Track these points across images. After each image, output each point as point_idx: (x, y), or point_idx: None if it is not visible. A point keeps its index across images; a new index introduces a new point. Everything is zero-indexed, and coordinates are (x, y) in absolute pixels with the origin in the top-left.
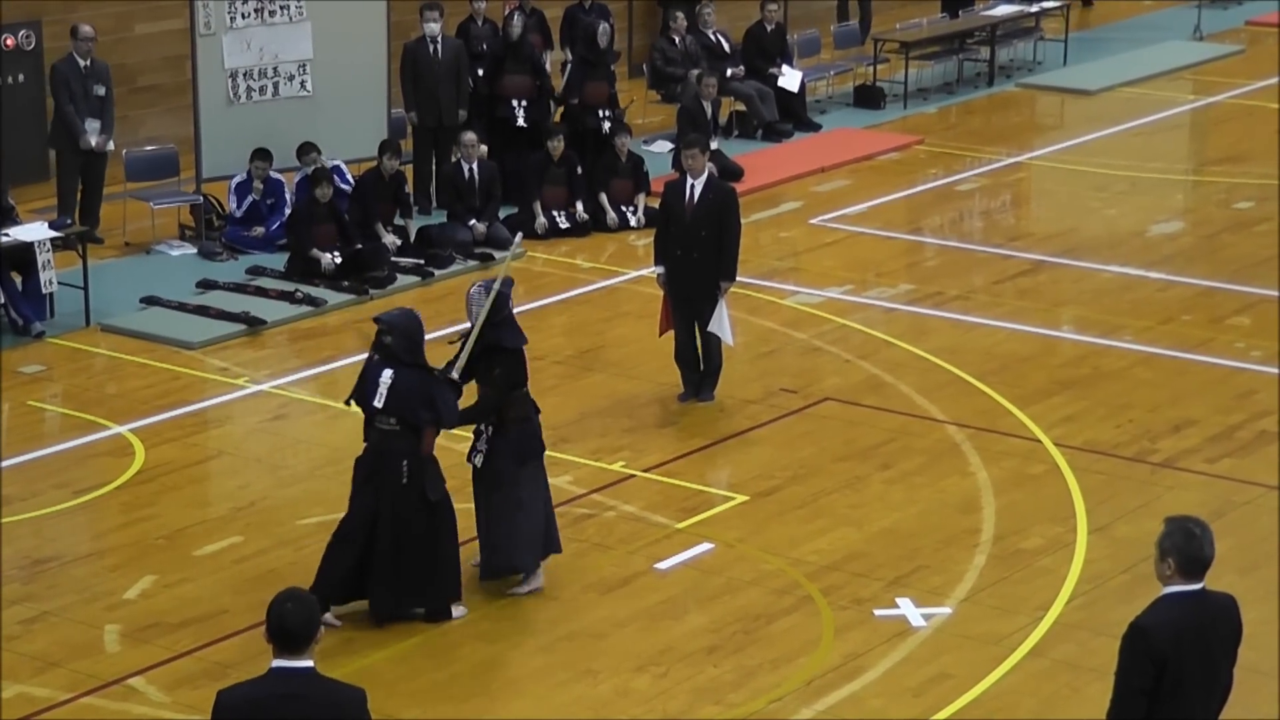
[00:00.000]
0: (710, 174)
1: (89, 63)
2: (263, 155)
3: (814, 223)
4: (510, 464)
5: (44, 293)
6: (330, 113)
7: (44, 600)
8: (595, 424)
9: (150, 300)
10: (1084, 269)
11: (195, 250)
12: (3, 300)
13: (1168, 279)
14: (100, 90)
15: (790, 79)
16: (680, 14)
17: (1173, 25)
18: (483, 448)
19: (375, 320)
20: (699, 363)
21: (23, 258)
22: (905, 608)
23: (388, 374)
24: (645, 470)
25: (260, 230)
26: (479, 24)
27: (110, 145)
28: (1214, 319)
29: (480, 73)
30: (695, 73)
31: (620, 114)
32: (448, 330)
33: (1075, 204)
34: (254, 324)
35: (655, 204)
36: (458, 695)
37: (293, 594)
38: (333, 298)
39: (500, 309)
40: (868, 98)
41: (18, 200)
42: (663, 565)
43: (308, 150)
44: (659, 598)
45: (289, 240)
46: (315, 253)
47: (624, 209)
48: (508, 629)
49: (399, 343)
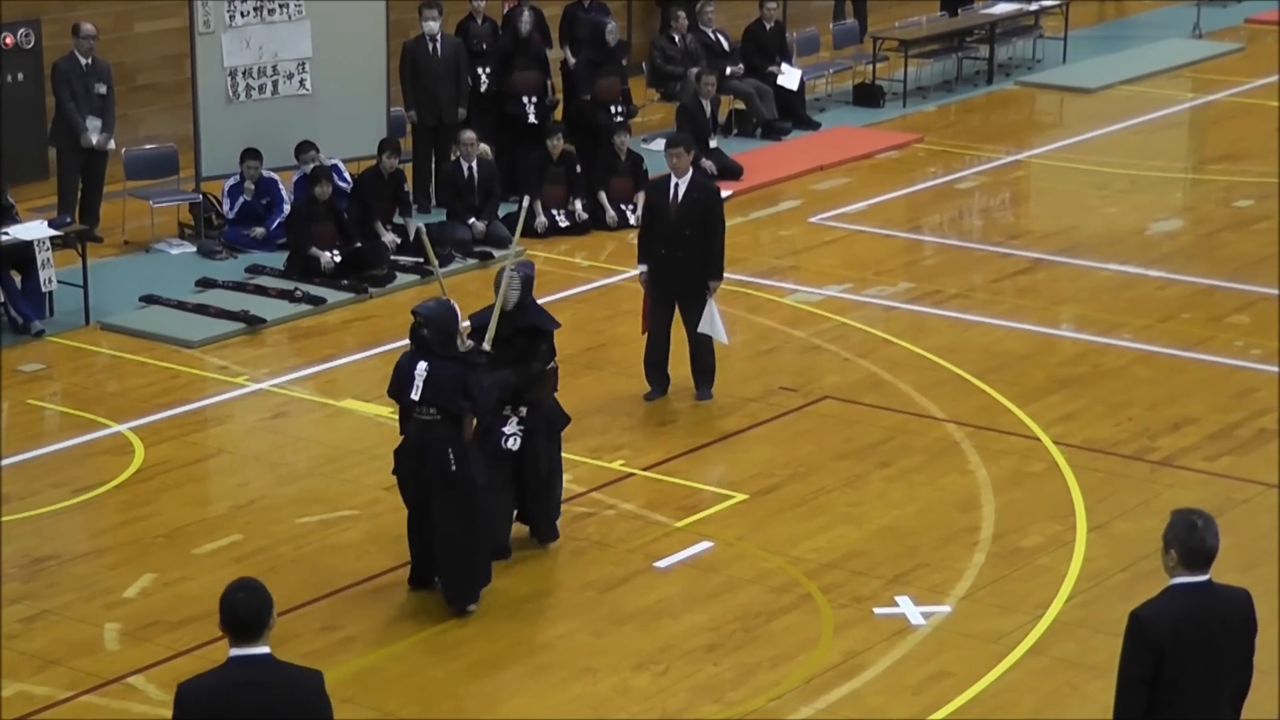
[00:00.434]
0: (696, 172)
1: (90, 61)
2: (253, 155)
3: (813, 221)
4: (544, 440)
5: (43, 291)
6: (329, 111)
7: (43, 598)
8: (594, 422)
9: (150, 299)
10: (1083, 267)
11: (194, 249)
12: (2, 299)
13: (1167, 277)
14: (101, 89)
15: (789, 77)
16: (682, 12)
17: (1172, 23)
18: (516, 430)
19: (413, 312)
20: (667, 364)
21: (22, 256)
22: (905, 606)
23: (423, 366)
24: (644, 469)
25: (260, 230)
26: (479, 22)
27: (111, 144)
28: (1213, 317)
29: (486, 70)
30: (694, 71)
31: (634, 110)
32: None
33: (1074, 202)
34: (253, 322)
35: None
36: (457, 693)
37: (244, 584)
38: (332, 296)
39: (529, 291)
40: (867, 96)
41: (17, 199)
42: (662, 564)
43: (306, 149)
44: (658, 596)
45: (288, 239)
46: (314, 251)
47: (623, 207)
48: (507, 627)
49: (434, 335)
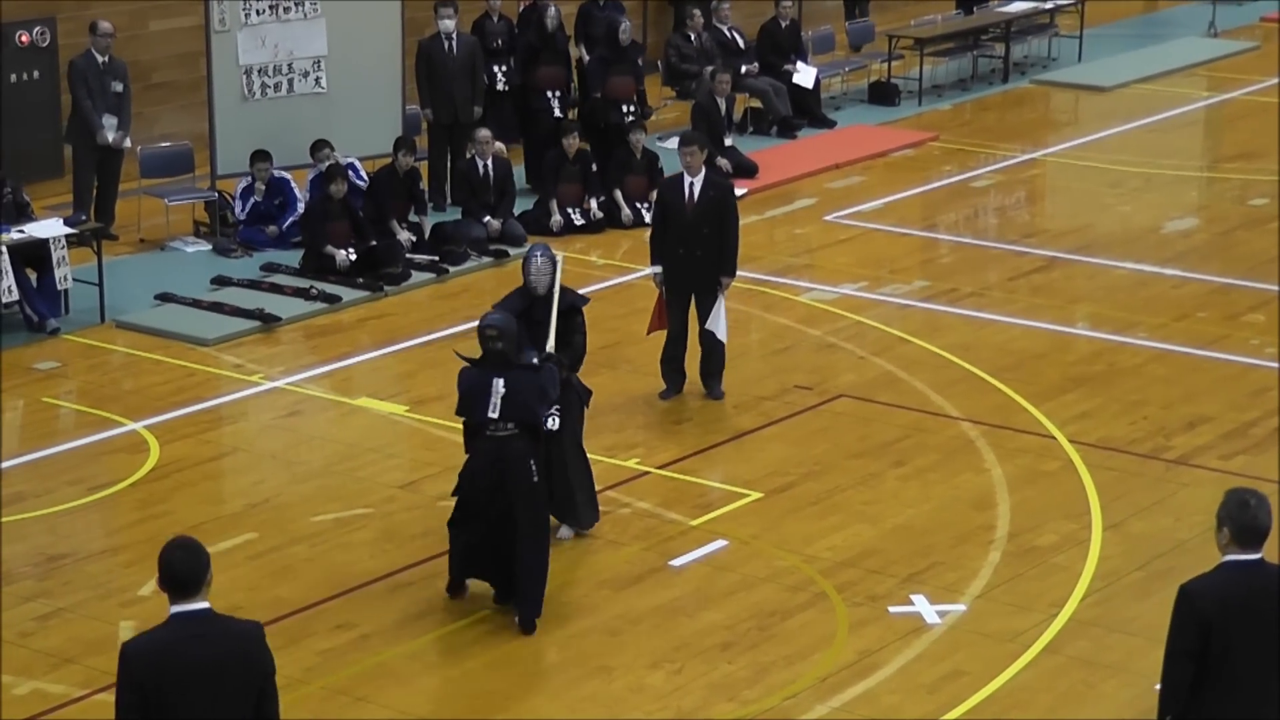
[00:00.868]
0: (710, 169)
1: (107, 59)
2: (262, 157)
3: (828, 219)
4: (575, 419)
5: (59, 289)
6: (345, 109)
7: (58, 597)
8: (609, 420)
9: (165, 297)
10: (1098, 265)
11: (210, 247)
12: (18, 296)
13: (1182, 275)
14: (118, 87)
15: (805, 75)
16: (697, 10)
17: (1187, 21)
18: (554, 411)
19: (484, 326)
20: (684, 363)
21: (38, 254)
22: (920, 604)
23: (499, 383)
24: (659, 467)
25: (274, 228)
26: (495, 20)
27: (127, 142)
28: (1228, 316)
29: (502, 68)
30: (710, 69)
31: (649, 111)
32: (463, 327)
33: (1089, 200)
34: (268, 321)
35: None
36: (471, 691)
37: (181, 543)
38: (347, 294)
39: (557, 272)
40: (882, 94)
41: (33, 197)
42: (677, 562)
43: (321, 147)
44: (673, 594)
45: (303, 237)
46: (330, 249)
47: (638, 205)
48: None
49: (508, 346)
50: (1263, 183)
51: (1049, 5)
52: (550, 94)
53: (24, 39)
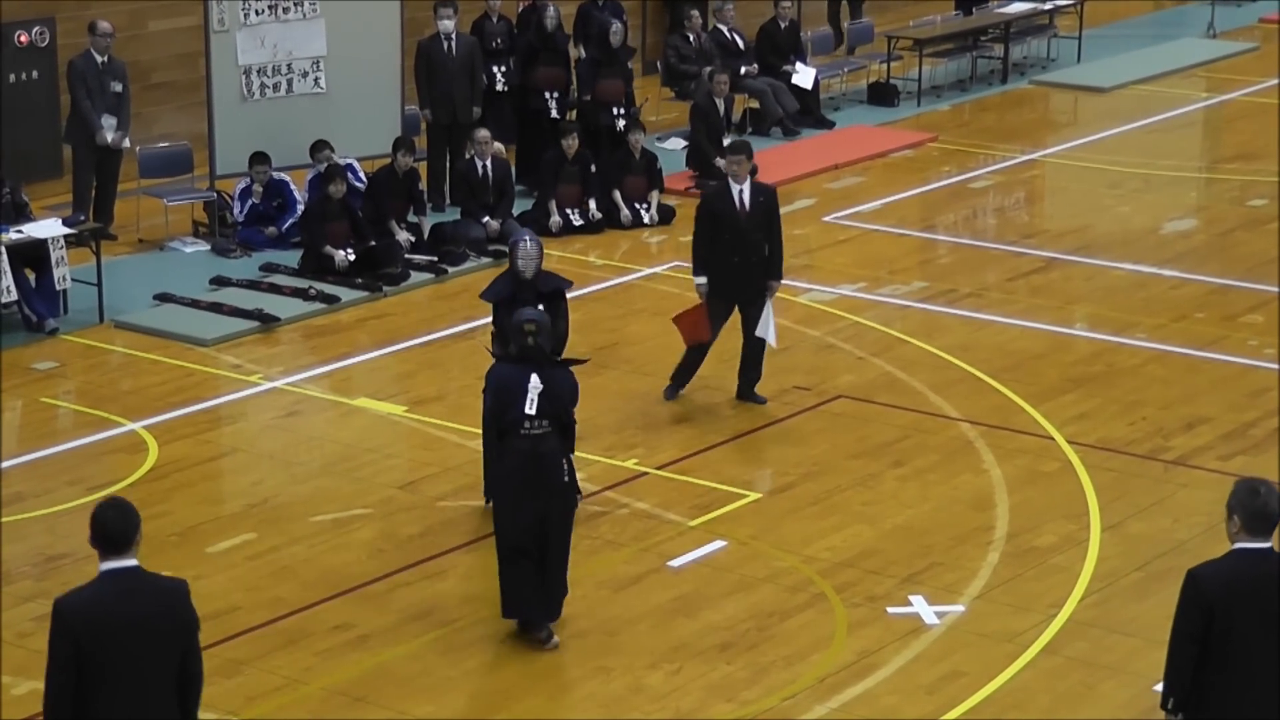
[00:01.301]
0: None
1: (106, 59)
2: (261, 159)
3: (827, 220)
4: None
5: (57, 289)
6: (344, 110)
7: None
8: (608, 421)
9: (164, 297)
10: (1097, 266)
11: (209, 247)
12: (17, 297)
13: (1181, 276)
14: (117, 87)
15: (804, 76)
16: (696, 12)
17: (1186, 22)
18: None
19: (523, 322)
20: (698, 367)
21: (36, 254)
22: (918, 605)
23: (535, 379)
24: (658, 468)
25: (273, 229)
26: (494, 20)
27: (126, 142)
28: (1227, 316)
29: (501, 69)
30: (708, 70)
31: (636, 112)
32: (462, 327)
33: (1088, 201)
34: (267, 321)
35: (669, 201)
36: (470, 692)
37: (113, 503)
38: (346, 295)
39: (542, 257)
40: (881, 95)
41: (31, 197)
42: (675, 563)
43: (321, 148)
44: (672, 595)
45: (302, 237)
46: (329, 250)
47: (637, 206)
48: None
49: (546, 340)
50: (1261, 184)
51: (1048, 6)
52: (548, 95)
53: (23, 39)
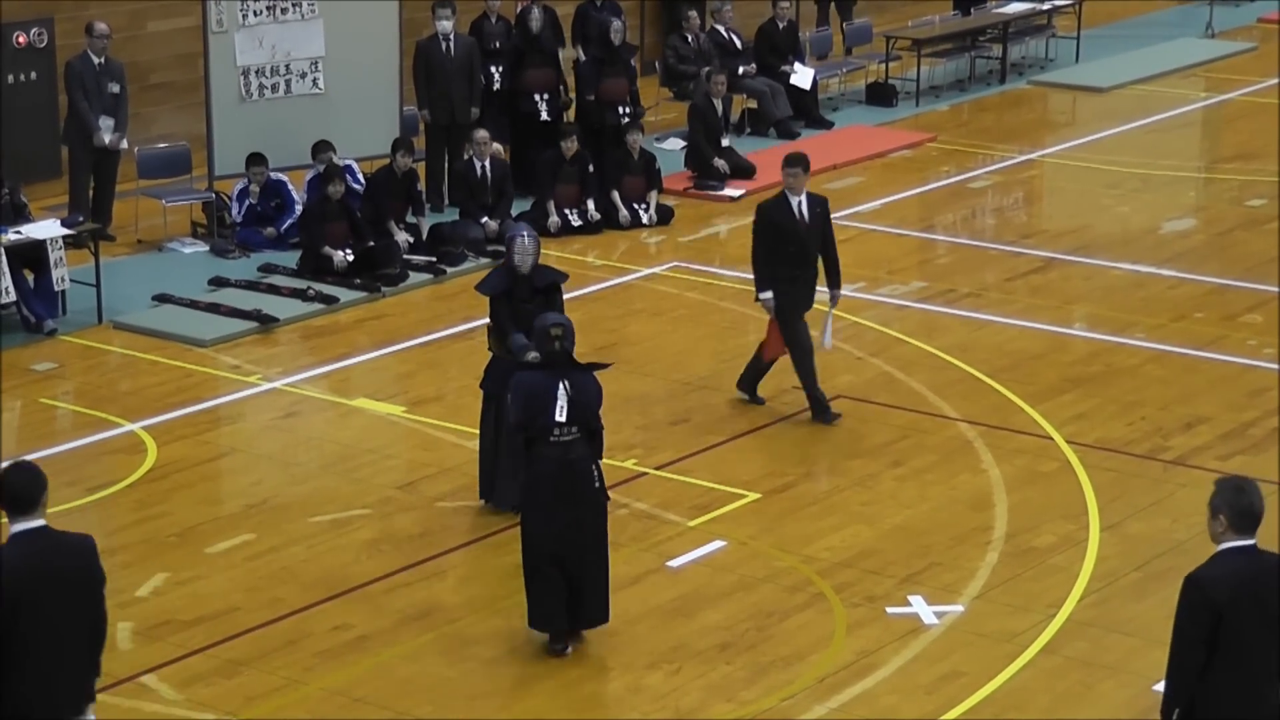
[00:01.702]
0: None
1: (104, 60)
2: (257, 161)
3: None
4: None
5: (56, 290)
6: (342, 110)
7: None
8: (607, 421)
9: (162, 298)
10: (1096, 266)
11: (207, 248)
12: (15, 298)
13: (1179, 276)
14: (115, 88)
15: (802, 76)
16: (694, 12)
17: (1185, 22)
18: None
19: (549, 325)
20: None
21: (35, 255)
22: (917, 605)
23: (565, 384)
24: (657, 468)
25: (272, 229)
26: (493, 21)
27: (124, 143)
28: (1226, 316)
29: (499, 69)
30: (706, 70)
31: (642, 111)
32: (461, 328)
33: (1087, 201)
34: (266, 321)
35: (667, 202)
36: (470, 692)
37: (19, 465)
38: (345, 295)
39: (539, 252)
40: (880, 95)
41: (30, 198)
42: (675, 563)
43: (323, 149)
44: (671, 595)
45: (301, 238)
46: (327, 250)
47: (636, 206)
48: (519, 626)
49: (571, 343)
50: (1260, 183)
51: (1046, 6)
52: (538, 96)
53: (21, 40)
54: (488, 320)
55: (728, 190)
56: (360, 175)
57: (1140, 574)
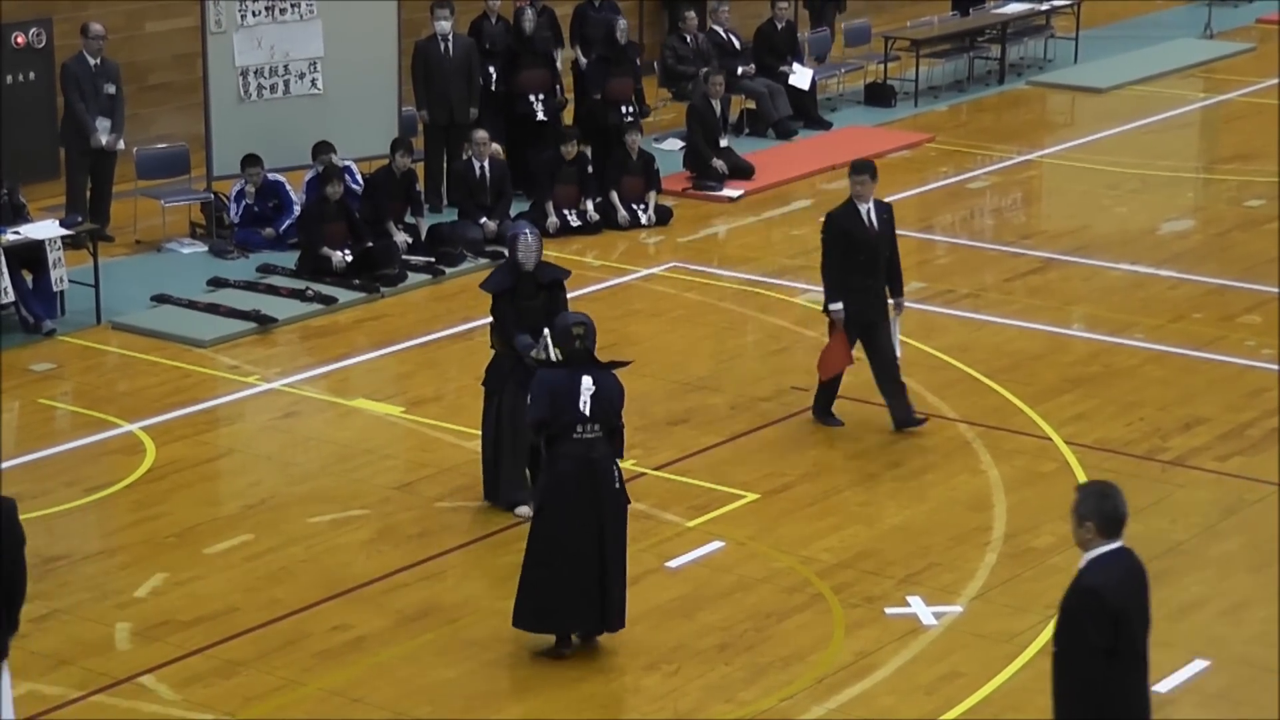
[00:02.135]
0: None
1: (99, 61)
2: (253, 161)
3: None
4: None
5: (55, 290)
6: (341, 111)
7: (55, 598)
8: None
9: (161, 298)
10: (1094, 267)
11: (206, 248)
12: (14, 298)
13: (1178, 277)
14: (110, 89)
15: (801, 77)
16: (691, 13)
17: (1183, 23)
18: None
19: (571, 324)
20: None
21: (34, 255)
22: (916, 606)
23: (588, 380)
24: (656, 468)
25: (270, 230)
26: (493, 21)
27: (121, 144)
28: (1225, 317)
29: (494, 71)
30: (704, 71)
31: (647, 111)
32: (460, 328)
33: (1086, 202)
34: (265, 322)
35: (666, 202)
36: (468, 692)
37: None
38: (344, 295)
39: (542, 249)
40: (878, 95)
41: (29, 198)
42: (673, 563)
43: (323, 150)
44: (670, 595)
45: (300, 238)
46: (326, 251)
47: (635, 207)
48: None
49: (592, 342)
50: (1259, 184)
51: (1045, 7)
52: (533, 97)
53: (20, 40)
54: (490, 318)
55: (726, 191)
56: (359, 176)
57: None
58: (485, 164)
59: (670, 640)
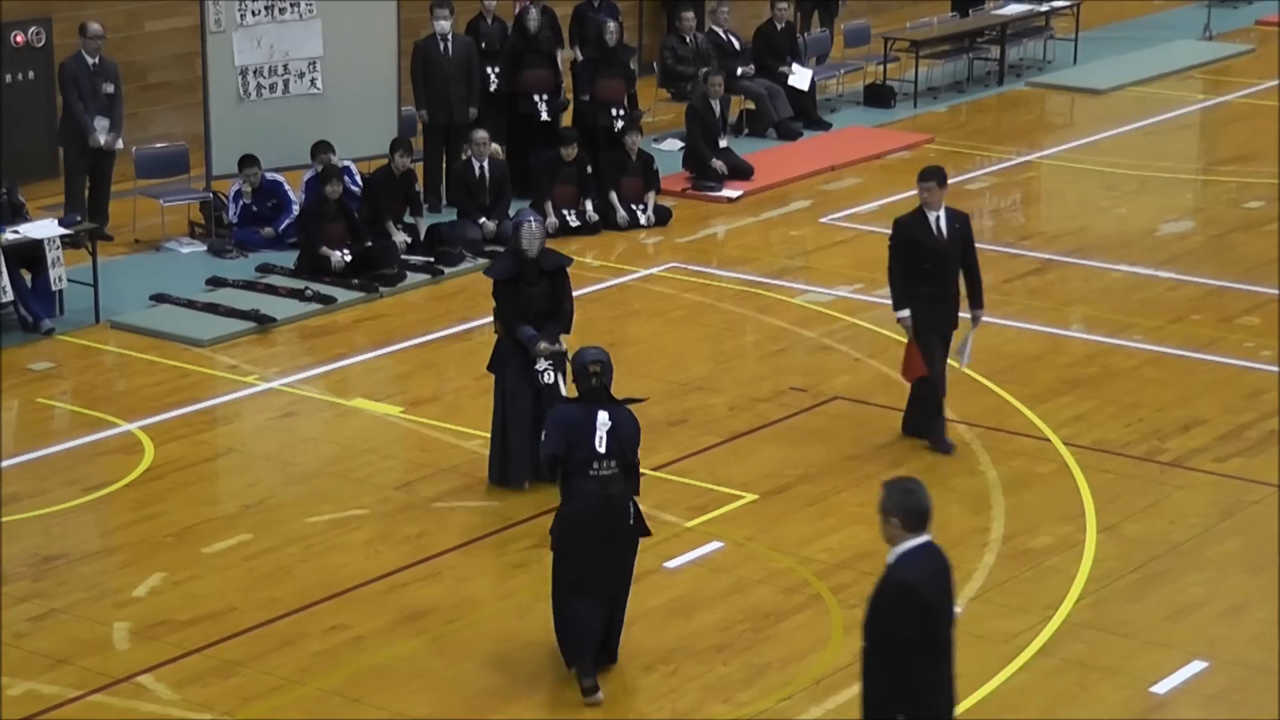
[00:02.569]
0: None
1: (97, 60)
2: (250, 162)
3: (824, 221)
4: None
5: (53, 290)
6: (341, 111)
7: (53, 597)
8: None
9: (160, 298)
10: (1093, 268)
11: (205, 248)
12: (13, 297)
13: (1177, 278)
14: (109, 88)
15: (800, 77)
16: (689, 13)
17: (1182, 24)
18: (548, 366)
19: (587, 362)
20: (943, 405)
21: (32, 255)
22: None
23: (604, 416)
24: (655, 469)
25: (269, 229)
26: (489, 21)
27: (119, 143)
28: (1223, 318)
29: (495, 70)
30: (703, 71)
31: (639, 114)
32: (459, 328)
33: (1085, 203)
34: (263, 321)
35: (665, 202)
36: (467, 693)
37: None
38: (343, 295)
39: (545, 236)
40: (878, 96)
41: (28, 197)
42: (672, 564)
43: (322, 149)
44: (668, 596)
45: (299, 238)
46: (325, 250)
47: (634, 207)
48: (516, 626)
49: (609, 379)
50: (1258, 185)
51: (1044, 8)
52: (537, 97)
53: (19, 39)
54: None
55: (725, 191)
56: (358, 176)
57: (1137, 575)
58: (485, 164)
59: (668, 641)
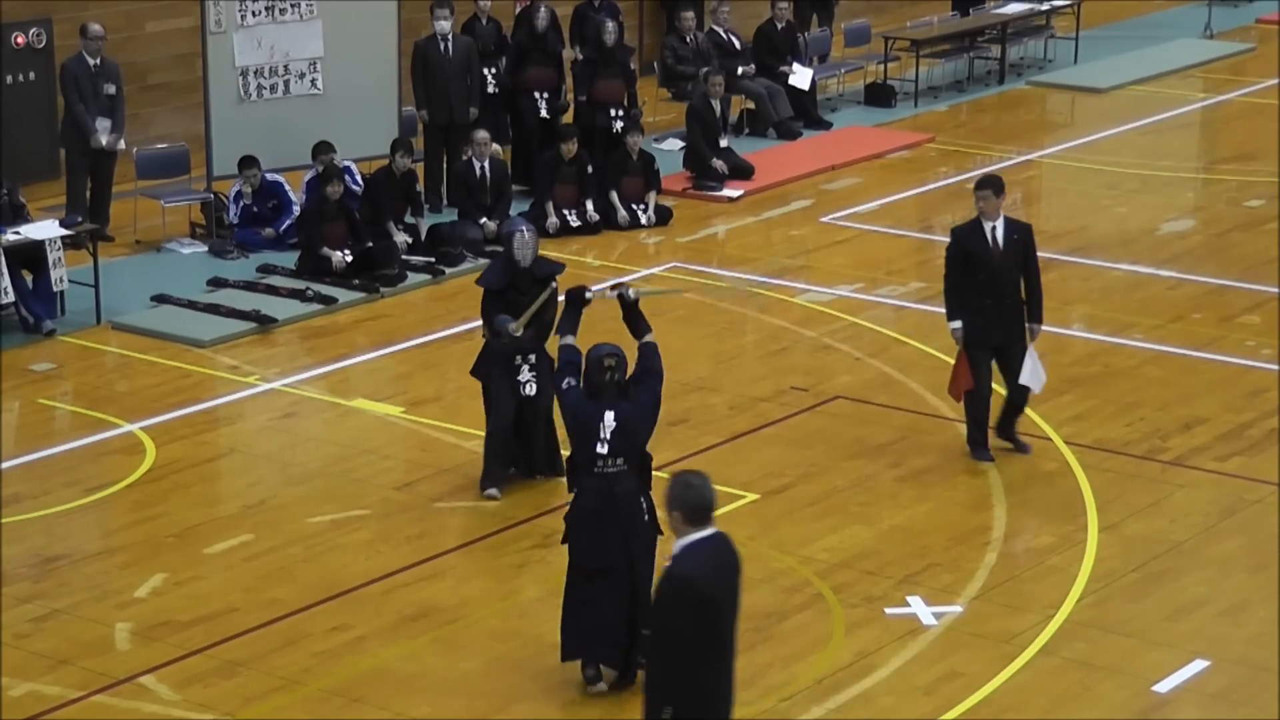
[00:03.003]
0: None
1: (99, 61)
2: (250, 163)
3: (824, 221)
4: (549, 382)
5: (55, 290)
6: (341, 111)
7: (54, 598)
8: None
9: (161, 298)
10: (1094, 267)
11: (206, 248)
12: (14, 298)
13: (1178, 277)
14: (110, 89)
15: (801, 77)
16: (688, 12)
17: (1183, 23)
18: (530, 377)
19: (602, 356)
20: (989, 418)
21: (34, 256)
22: (916, 606)
23: (610, 417)
24: (656, 469)
25: (270, 230)
26: (484, 22)
27: (121, 144)
28: (1224, 317)
29: (491, 70)
30: (704, 71)
31: (637, 114)
32: (459, 328)
33: (1085, 202)
34: (265, 322)
35: (666, 202)
36: (467, 693)
37: None
38: (344, 296)
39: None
40: (878, 96)
41: (28, 198)
42: None
43: (323, 150)
44: None
45: (300, 238)
46: (326, 251)
47: (635, 207)
48: (518, 626)
49: (622, 375)
50: (1259, 184)
51: (1045, 7)
52: (538, 95)
53: (20, 40)
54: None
55: (726, 191)
56: (359, 176)
57: (1138, 575)
58: (485, 164)
59: None
